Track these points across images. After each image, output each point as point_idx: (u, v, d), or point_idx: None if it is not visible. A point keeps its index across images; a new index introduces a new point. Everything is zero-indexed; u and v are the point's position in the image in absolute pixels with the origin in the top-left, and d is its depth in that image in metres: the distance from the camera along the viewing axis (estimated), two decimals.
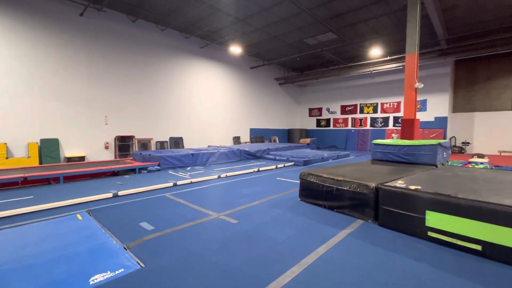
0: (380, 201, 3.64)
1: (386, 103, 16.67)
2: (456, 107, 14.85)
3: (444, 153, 6.40)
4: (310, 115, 20.85)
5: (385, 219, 3.58)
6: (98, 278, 2.32)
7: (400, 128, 12.29)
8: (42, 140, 8.72)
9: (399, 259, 2.73)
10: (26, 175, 6.00)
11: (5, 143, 8.02)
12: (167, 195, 5.31)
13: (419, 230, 3.21)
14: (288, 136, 20.21)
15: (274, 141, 18.35)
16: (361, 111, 17.87)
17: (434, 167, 5.65)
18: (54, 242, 3.07)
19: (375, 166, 5.85)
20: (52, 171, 6.62)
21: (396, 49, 13.70)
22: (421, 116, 14.42)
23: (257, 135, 17.39)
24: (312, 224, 3.74)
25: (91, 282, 2.26)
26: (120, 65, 10.64)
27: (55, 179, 6.50)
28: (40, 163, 8.57)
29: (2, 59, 8.00)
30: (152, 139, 11.71)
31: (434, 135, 14.36)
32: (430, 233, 3.11)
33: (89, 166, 7.49)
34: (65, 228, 3.51)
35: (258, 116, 17.58)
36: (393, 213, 3.47)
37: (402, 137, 8.40)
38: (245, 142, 16.33)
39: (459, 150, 14.14)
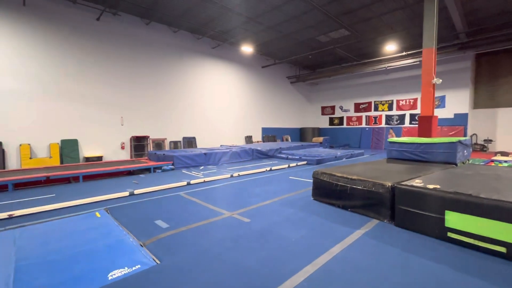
0: (397, 200, 3.54)
1: (402, 100, 16.19)
2: (477, 103, 14.19)
3: (465, 151, 6.14)
4: (323, 114, 20.58)
5: (401, 219, 3.48)
6: (116, 273, 2.39)
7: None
8: (63, 141, 9.10)
9: (417, 260, 2.65)
10: (49, 174, 6.28)
11: (29, 144, 8.43)
12: (181, 194, 5.40)
13: (438, 231, 3.10)
14: (301, 135, 20.05)
15: (286, 140, 18.26)
16: (376, 109, 17.45)
17: (454, 165, 5.43)
18: (74, 238, 3.19)
19: (390, 164, 5.70)
20: (72, 170, 6.90)
21: (412, 44, 13.27)
22: (440, 113, 13.91)
23: (269, 134, 17.36)
24: (326, 223, 3.69)
25: (110, 278, 2.33)
26: (135, 67, 10.91)
27: (75, 178, 6.76)
28: (61, 162, 8.94)
29: (25, 65, 8.40)
30: (166, 139, 11.95)
31: (453, 132, 13.80)
32: (450, 234, 2.99)
33: (106, 166, 7.74)
34: (85, 225, 3.64)
35: (270, 115, 17.54)
36: (410, 213, 3.37)
37: (420, 134, 8.13)
38: (257, 141, 16.34)
39: (481, 148, 13.52)
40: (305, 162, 9.87)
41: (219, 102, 14.30)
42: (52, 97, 8.91)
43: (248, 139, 15.91)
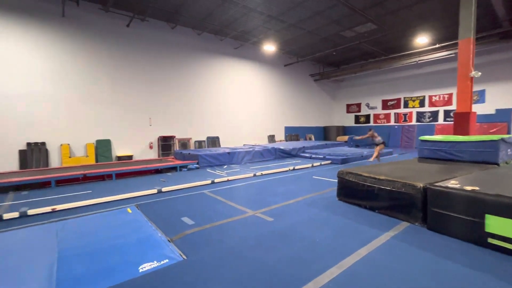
0: (430, 202, 3.33)
1: (435, 96, 15.17)
2: None
3: (509, 150, 5.61)
4: (348, 112, 19.94)
5: (435, 222, 3.27)
6: (146, 266, 2.52)
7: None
8: (97, 141, 9.74)
9: (453, 266, 2.47)
10: (85, 172, 6.77)
11: (68, 144, 9.14)
12: (205, 192, 5.54)
13: (476, 236, 2.87)
14: (324, 133, 19.61)
15: (310, 139, 17.95)
16: (406, 106, 16.53)
17: (495, 166, 4.99)
18: (108, 232, 3.41)
19: (422, 164, 5.38)
20: (106, 168, 7.37)
21: (447, 35, 12.36)
22: (478, 109, 12.81)
23: (292, 133, 17.18)
24: (352, 224, 3.58)
25: (140, 270, 2.46)
26: (161, 70, 11.37)
27: (109, 176, 7.20)
28: (96, 161, 9.57)
29: (64, 72, 9.09)
30: (191, 138, 12.31)
31: (495, 129, 12.66)
32: (490, 240, 2.75)
33: (136, 164, 8.16)
34: (117, 220, 3.88)
35: (293, 114, 17.36)
36: (444, 216, 3.15)
37: (455, 132, 7.57)
38: (280, 141, 16.25)
39: None
40: (329, 162, 9.63)
41: (242, 101, 14.43)
42: (88, 100, 9.57)
43: (271, 138, 15.88)
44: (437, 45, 12.68)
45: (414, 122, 16.19)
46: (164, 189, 5.67)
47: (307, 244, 3.00)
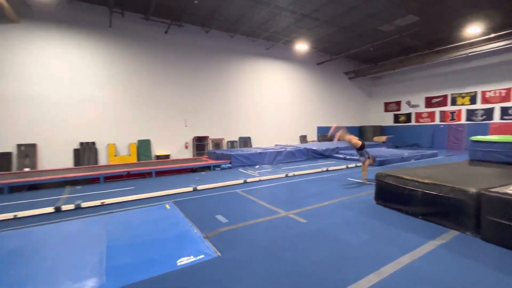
0: (485, 210, 2.99)
1: (490, 91, 13.58)
2: None
3: None
4: (386, 110, 18.78)
5: (491, 233, 2.93)
6: (184, 260, 2.64)
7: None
8: (139, 141, 10.48)
9: None
10: (129, 169, 7.33)
11: (114, 144, 9.97)
12: (238, 191, 5.63)
13: None
14: (360, 133, 18.70)
15: None
16: (453, 103, 15.06)
17: None
18: (149, 226, 3.64)
19: (474, 167, 4.86)
20: (147, 167, 7.90)
21: (504, 23, 11.00)
22: None
23: (325, 133, 16.69)
24: (391, 230, 3.36)
25: (178, 263, 2.59)
26: (196, 73, 11.86)
27: (149, 174, 7.70)
28: (138, 160, 10.30)
29: (110, 77, 9.96)
30: (223, 139, 12.63)
31: None
32: None
33: (173, 163, 8.62)
34: (157, 215, 4.13)
35: (326, 114, 16.86)
36: (503, 226, 2.80)
37: None
38: (312, 141, 15.90)
39: None
40: None
41: (274, 102, 14.41)
42: (130, 103, 10.36)
43: (303, 138, 15.61)
44: (492, 35, 11.35)
45: (463, 120, 14.68)
46: (199, 187, 5.89)
47: (342, 248, 2.89)
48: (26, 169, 8.19)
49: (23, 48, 8.52)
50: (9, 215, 4.09)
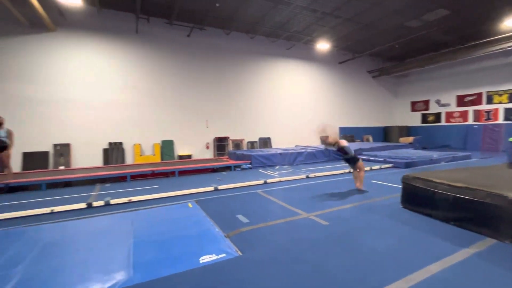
0: None
1: None
2: None
3: None
4: (413, 110, 17.88)
5: None
6: (206, 258, 2.69)
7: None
8: (163, 141, 10.86)
9: None
10: (154, 169, 7.63)
11: (140, 144, 10.42)
12: (258, 192, 5.64)
13: None
14: (385, 134, 17.99)
15: (367, 140, 16.71)
16: (489, 101, 14.00)
17: None
18: (172, 224, 3.75)
19: None
20: (170, 166, 8.15)
21: None
22: None
23: (347, 134, 16.24)
24: (420, 235, 3.19)
25: (201, 261, 2.64)
26: (217, 75, 12.06)
27: (172, 173, 7.95)
28: (161, 159, 10.67)
29: (136, 80, 10.42)
30: (244, 139, 12.72)
31: None
32: None
33: (195, 163, 8.84)
34: (180, 213, 4.24)
35: (349, 114, 16.40)
36: None
37: None
38: None
39: None
40: (390, 165, 8.80)
41: (294, 102, 14.27)
42: (154, 105, 10.76)
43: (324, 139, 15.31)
44: None
45: (500, 120, 13.60)
46: (220, 187, 5.98)
47: (367, 252, 2.79)
48: (61, 167, 8.81)
49: (58, 54, 9.17)
50: (47, 210, 4.42)
